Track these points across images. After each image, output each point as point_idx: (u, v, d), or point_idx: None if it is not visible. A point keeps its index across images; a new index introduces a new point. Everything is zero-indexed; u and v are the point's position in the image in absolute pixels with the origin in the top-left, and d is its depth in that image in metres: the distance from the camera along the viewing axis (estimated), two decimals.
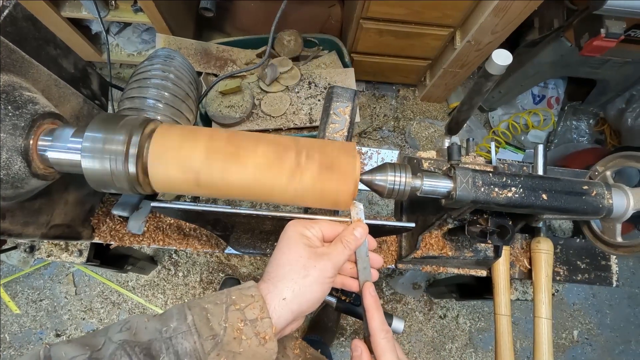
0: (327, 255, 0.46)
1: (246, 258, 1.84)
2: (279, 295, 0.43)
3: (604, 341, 1.93)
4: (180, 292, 1.79)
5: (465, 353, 1.84)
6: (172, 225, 0.85)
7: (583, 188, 0.58)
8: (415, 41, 1.66)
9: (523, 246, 0.91)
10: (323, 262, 0.45)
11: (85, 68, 0.76)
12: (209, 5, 1.59)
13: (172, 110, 0.77)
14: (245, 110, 1.54)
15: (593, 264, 0.93)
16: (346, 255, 0.48)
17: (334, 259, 0.46)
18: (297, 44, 1.69)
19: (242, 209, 0.59)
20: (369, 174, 0.56)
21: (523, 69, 1.81)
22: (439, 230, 0.81)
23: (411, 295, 1.86)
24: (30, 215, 0.62)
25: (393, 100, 2.16)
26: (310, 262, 0.45)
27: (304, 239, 0.47)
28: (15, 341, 1.72)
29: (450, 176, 0.56)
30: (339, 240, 0.48)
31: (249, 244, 0.78)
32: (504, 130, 2.09)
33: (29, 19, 0.61)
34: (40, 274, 1.79)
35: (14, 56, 0.53)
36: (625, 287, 2.02)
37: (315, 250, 0.46)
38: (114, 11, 1.62)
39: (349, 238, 0.48)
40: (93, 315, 1.76)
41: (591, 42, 1.36)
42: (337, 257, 0.47)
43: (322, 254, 0.46)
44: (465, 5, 1.45)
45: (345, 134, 0.75)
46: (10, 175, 0.50)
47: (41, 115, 0.53)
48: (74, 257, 0.89)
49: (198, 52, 1.62)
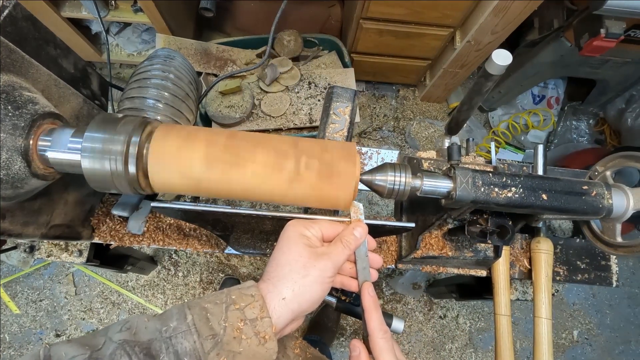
0: (327, 255, 0.46)
1: (246, 258, 1.84)
2: (278, 295, 0.43)
3: (604, 341, 1.93)
4: (180, 292, 1.79)
5: (465, 353, 1.84)
6: (172, 226, 0.85)
7: (583, 188, 0.58)
8: (415, 41, 1.66)
9: (523, 246, 0.91)
10: (323, 262, 0.45)
11: (85, 68, 0.76)
12: (209, 5, 1.59)
13: (172, 110, 0.77)
14: (245, 111, 1.54)
15: (593, 264, 0.93)
16: (346, 255, 0.48)
17: (334, 258, 0.46)
18: (297, 44, 1.69)
19: (242, 209, 0.59)
20: (369, 174, 0.56)
21: (523, 69, 1.81)
22: (439, 230, 0.81)
23: (411, 295, 1.86)
24: (30, 216, 0.62)
25: (393, 100, 2.16)
26: (310, 261, 0.45)
27: (303, 238, 0.47)
28: (15, 341, 1.72)
29: (450, 176, 0.56)
30: (338, 240, 0.49)
31: (249, 244, 0.78)
32: (503, 130, 2.09)
33: (28, 19, 0.61)
34: (40, 274, 1.79)
35: (14, 56, 0.53)
36: (625, 287, 2.02)
37: (315, 250, 0.46)
38: (114, 11, 1.62)
39: (348, 238, 0.48)
40: (93, 316, 1.76)
41: (591, 42, 1.36)
42: (336, 256, 0.47)
43: (322, 253, 0.46)
44: (465, 6, 1.45)
45: (345, 134, 0.75)
46: (10, 175, 0.50)
47: (41, 116, 0.52)
48: (73, 257, 0.89)
49: (198, 52, 1.62)
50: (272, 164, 0.51)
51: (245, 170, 0.51)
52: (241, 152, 0.51)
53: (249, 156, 0.51)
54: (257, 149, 0.52)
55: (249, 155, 0.51)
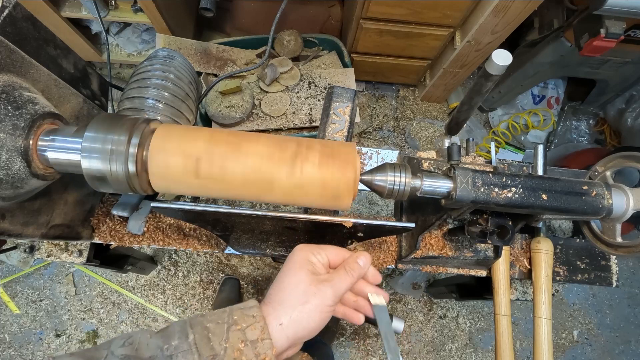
0: (328, 282, 0.46)
1: (246, 258, 1.84)
2: (276, 319, 0.43)
3: (604, 341, 1.93)
4: (180, 292, 1.79)
5: (465, 353, 1.84)
6: (171, 226, 0.85)
7: (583, 188, 0.58)
8: (415, 41, 1.66)
9: (523, 246, 0.91)
10: (324, 289, 0.45)
11: (85, 68, 0.76)
12: (209, 5, 1.59)
13: (172, 110, 0.77)
14: (245, 111, 1.54)
15: (593, 264, 0.93)
16: (348, 283, 0.47)
17: (336, 286, 0.46)
18: (297, 44, 1.69)
19: (242, 209, 0.59)
20: (369, 174, 0.56)
21: (523, 69, 1.81)
22: (438, 231, 0.81)
23: (411, 295, 1.86)
24: (30, 216, 0.62)
25: (393, 101, 2.16)
26: (311, 288, 0.44)
27: (308, 264, 0.47)
28: (15, 341, 1.72)
29: (450, 176, 0.56)
30: (342, 267, 0.48)
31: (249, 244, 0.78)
32: (503, 131, 2.09)
33: (28, 19, 0.61)
34: (40, 274, 1.79)
35: (14, 56, 0.53)
36: (625, 287, 2.02)
37: (317, 277, 0.46)
38: (114, 11, 1.62)
39: (352, 265, 0.48)
40: (93, 315, 1.76)
41: (591, 43, 1.36)
42: (338, 284, 0.46)
43: (324, 280, 0.46)
44: (465, 6, 1.45)
45: (345, 134, 0.75)
46: (10, 175, 0.50)
47: (41, 116, 0.52)
48: (73, 257, 0.89)
49: (198, 52, 1.62)
50: (275, 145, 0.51)
51: (248, 150, 0.51)
52: (243, 148, 0.51)
53: (253, 139, 0.51)
54: (261, 136, 0.52)
55: (253, 138, 0.51)
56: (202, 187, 0.52)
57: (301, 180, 0.51)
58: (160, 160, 0.50)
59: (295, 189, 0.52)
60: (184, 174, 0.51)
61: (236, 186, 0.52)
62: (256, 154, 0.51)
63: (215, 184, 0.52)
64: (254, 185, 0.52)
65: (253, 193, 0.53)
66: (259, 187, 0.52)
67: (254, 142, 0.52)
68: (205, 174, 0.50)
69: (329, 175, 0.51)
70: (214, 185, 0.52)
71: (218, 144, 0.51)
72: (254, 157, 0.51)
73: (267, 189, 0.52)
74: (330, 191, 0.52)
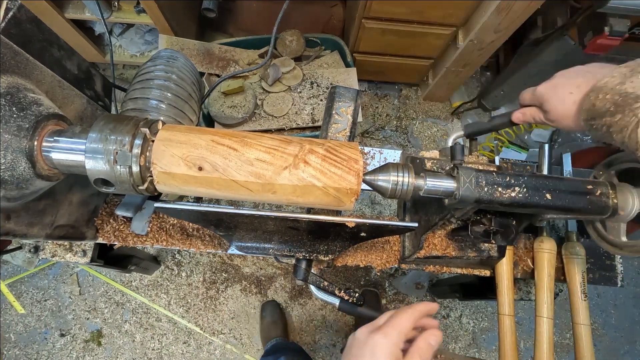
0: None
1: (249, 258, 1.85)
2: None
3: (608, 341, 1.92)
4: (183, 292, 1.80)
5: (468, 353, 1.83)
6: (175, 226, 0.86)
7: (587, 187, 0.57)
8: (417, 40, 1.66)
9: (526, 246, 0.91)
10: None
11: (88, 69, 0.76)
12: (211, 6, 1.59)
13: (175, 111, 0.77)
14: (247, 111, 1.54)
15: (597, 264, 0.93)
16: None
17: None
18: (299, 44, 1.69)
19: (245, 210, 0.59)
20: (372, 174, 0.55)
21: (526, 68, 1.80)
22: (442, 230, 0.81)
23: (414, 295, 1.86)
24: (34, 216, 0.62)
25: (395, 100, 2.16)
26: None
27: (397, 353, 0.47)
28: (20, 341, 1.73)
29: (454, 176, 0.56)
30: (415, 352, 0.48)
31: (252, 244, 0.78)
32: (507, 130, 2.08)
33: (32, 20, 0.61)
34: (44, 274, 1.80)
35: (18, 58, 0.54)
36: (630, 287, 2.00)
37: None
38: (117, 12, 1.62)
39: (425, 349, 0.48)
40: (97, 315, 1.77)
41: (595, 41, 1.35)
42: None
43: None
44: (468, 4, 1.44)
45: (347, 134, 0.75)
46: (15, 176, 0.50)
47: (45, 117, 0.53)
48: (78, 257, 0.89)
49: (200, 52, 1.63)
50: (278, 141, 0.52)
51: (251, 146, 0.51)
52: (245, 148, 0.52)
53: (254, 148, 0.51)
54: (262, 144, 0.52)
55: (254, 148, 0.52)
56: (205, 188, 0.52)
57: (304, 181, 0.51)
58: (164, 161, 0.50)
59: (297, 189, 0.52)
60: (187, 174, 0.51)
61: (239, 186, 0.52)
62: (259, 154, 0.51)
63: (218, 185, 0.52)
64: (257, 186, 0.52)
65: (256, 193, 0.53)
66: (262, 187, 0.52)
67: (257, 143, 0.52)
68: (208, 174, 0.51)
69: (331, 175, 0.51)
70: (217, 186, 0.52)
71: (221, 145, 0.51)
72: (257, 158, 0.51)
73: (270, 189, 0.52)
74: (332, 191, 0.52)
